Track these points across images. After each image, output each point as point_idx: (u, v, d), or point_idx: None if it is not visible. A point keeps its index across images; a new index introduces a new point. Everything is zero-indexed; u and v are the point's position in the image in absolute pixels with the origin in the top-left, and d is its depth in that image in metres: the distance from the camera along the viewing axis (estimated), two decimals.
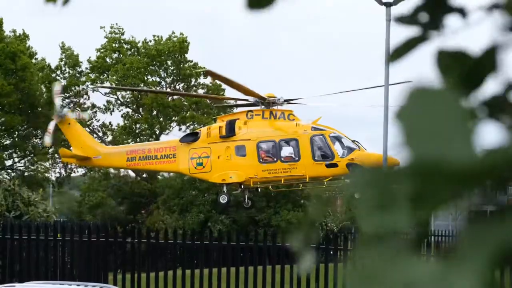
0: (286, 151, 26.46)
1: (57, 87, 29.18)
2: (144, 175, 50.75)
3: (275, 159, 26.26)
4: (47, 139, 27.99)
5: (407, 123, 0.96)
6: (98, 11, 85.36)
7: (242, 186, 27.41)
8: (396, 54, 1.38)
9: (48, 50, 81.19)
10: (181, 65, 50.57)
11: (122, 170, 50.29)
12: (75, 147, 27.93)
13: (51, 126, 27.80)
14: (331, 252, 19.44)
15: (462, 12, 1.43)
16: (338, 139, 26.03)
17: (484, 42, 1.24)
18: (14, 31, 48.20)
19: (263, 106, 26.99)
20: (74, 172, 52.40)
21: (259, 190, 30.19)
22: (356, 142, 26.01)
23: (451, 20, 1.47)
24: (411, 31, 1.44)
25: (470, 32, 1.42)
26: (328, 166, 25.53)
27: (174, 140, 28.45)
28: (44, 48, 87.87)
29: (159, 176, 50.35)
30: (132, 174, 51.03)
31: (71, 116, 28.59)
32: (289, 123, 26.58)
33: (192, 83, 51.32)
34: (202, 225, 40.65)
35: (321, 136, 25.98)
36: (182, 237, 20.69)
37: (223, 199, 26.91)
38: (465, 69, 1.18)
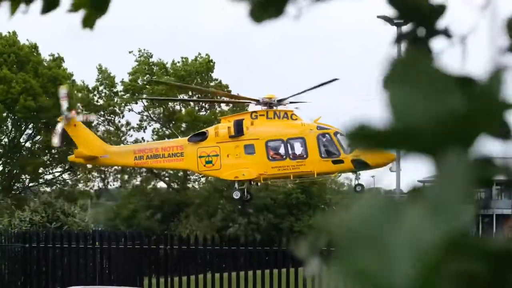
0: (294, 149, 26.61)
1: (63, 91, 28.39)
2: (175, 186, 51.14)
3: (284, 157, 26.44)
4: (55, 140, 27.20)
5: (390, 89, 0.95)
6: (121, 36, 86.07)
7: (252, 182, 27.56)
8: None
9: (82, 72, 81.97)
10: (207, 83, 50.92)
11: (154, 183, 50.77)
12: (81, 147, 27.49)
13: (59, 127, 27.21)
14: None
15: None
16: (341, 136, 26.23)
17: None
18: (52, 55, 48.86)
19: (265, 107, 27.09)
20: (111, 185, 52.97)
21: (258, 184, 29.96)
22: None
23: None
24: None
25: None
26: (334, 162, 25.85)
27: (181, 139, 28.55)
28: (78, 70, 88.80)
29: (189, 185, 50.76)
30: (163, 185, 51.49)
31: (78, 119, 27.72)
32: (295, 123, 26.75)
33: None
34: (225, 228, 40.92)
35: (326, 135, 26.23)
36: (211, 243, 20.93)
37: (236, 195, 27.01)
38: None
